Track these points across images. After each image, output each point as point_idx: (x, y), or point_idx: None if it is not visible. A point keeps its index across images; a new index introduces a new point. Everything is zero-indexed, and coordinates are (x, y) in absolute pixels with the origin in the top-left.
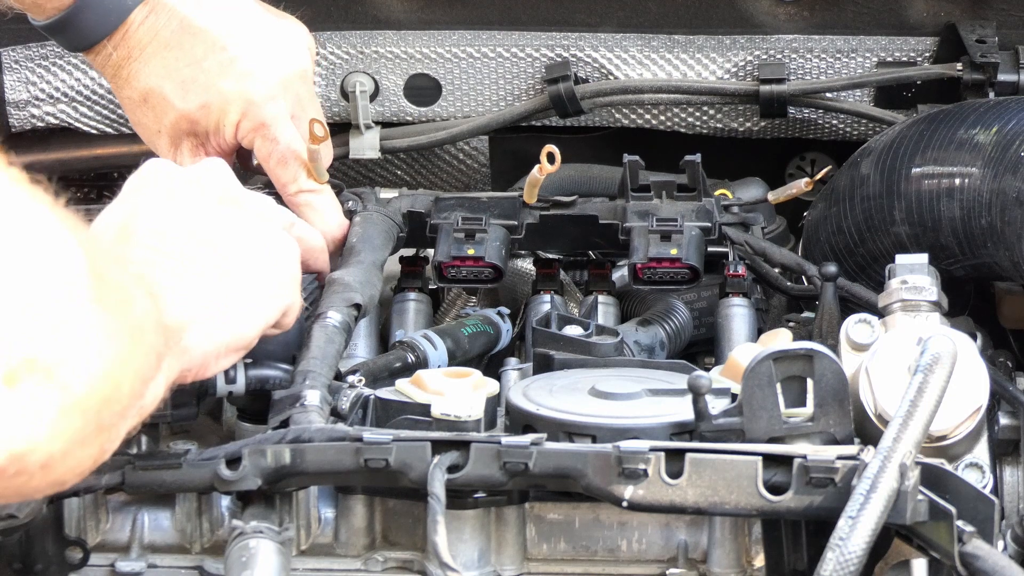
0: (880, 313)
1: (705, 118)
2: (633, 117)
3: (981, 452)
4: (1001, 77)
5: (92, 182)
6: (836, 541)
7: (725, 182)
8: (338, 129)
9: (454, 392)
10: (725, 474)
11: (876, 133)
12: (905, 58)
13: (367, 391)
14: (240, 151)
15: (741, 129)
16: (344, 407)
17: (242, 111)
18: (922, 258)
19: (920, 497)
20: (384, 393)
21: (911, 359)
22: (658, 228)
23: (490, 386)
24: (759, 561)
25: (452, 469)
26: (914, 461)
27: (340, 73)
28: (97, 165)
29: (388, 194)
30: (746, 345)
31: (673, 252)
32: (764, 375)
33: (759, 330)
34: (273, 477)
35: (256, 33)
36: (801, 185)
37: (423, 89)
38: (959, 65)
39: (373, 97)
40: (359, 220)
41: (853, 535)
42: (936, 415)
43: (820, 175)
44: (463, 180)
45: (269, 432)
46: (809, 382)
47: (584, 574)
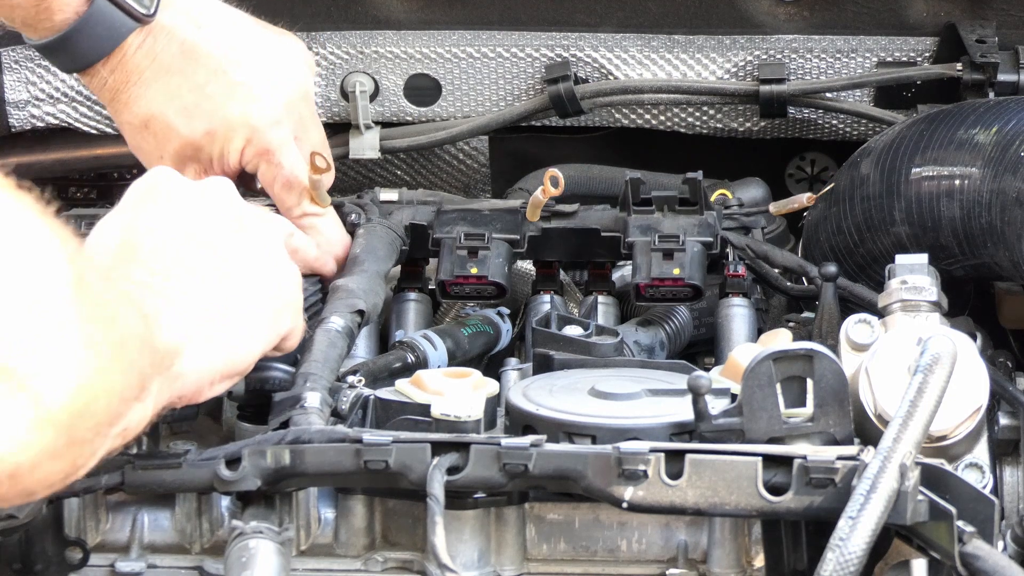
0: (880, 313)
1: (705, 118)
2: (633, 117)
3: (981, 452)
4: (1001, 77)
5: (92, 182)
6: (836, 541)
7: (725, 182)
8: (338, 129)
9: (454, 392)
10: (725, 475)
11: (876, 133)
12: (905, 58)
13: (367, 391)
14: (243, 173)
15: (741, 129)
16: (344, 407)
17: (247, 138)
18: (922, 258)
19: (920, 497)
20: (384, 393)
21: (911, 359)
22: (660, 246)
23: (490, 386)
24: (759, 561)
25: (452, 471)
26: (914, 461)
27: (340, 73)
28: (97, 165)
29: (388, 195)
30: (746, 345)
31: (676, 272)
32: (764, 375)
33: (759, 330)
34: (273, 478)
35: (258, 55)
36: (803, 200)
37: (423, 89)
38: (959, 65)
39: (373, 97)
40: (362, 232)
41: (853, 535)
42: (936, 415)
43: (823, 192)
44: (463, 180)
45: (269, 433)
46: (809, 382)
47: (584, 574)
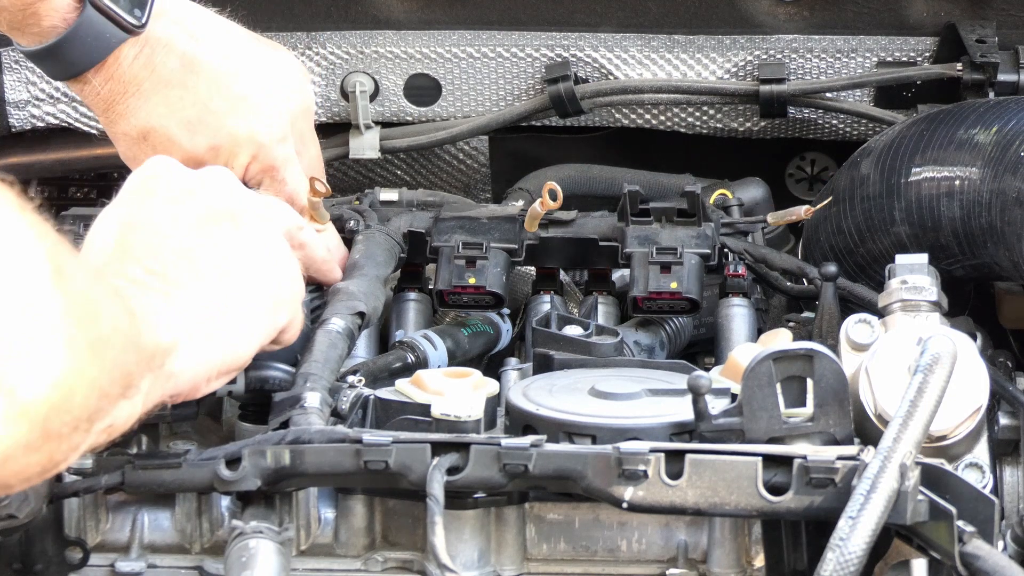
0: (880, 313)
1: (705, 118)
2: (633, 117)
3: (981, 452)
4: (1001, 77)
5: (92, 182)
6: (836, 541)
7: (725, 182)
8: (338, 129)
9: (454, 392)
10: (725, 475)
11: (876, 133)
12: (905, 58)
13: (367, 391)
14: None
15: (741, 129)
16: (344, 407)
17: (252, 154)
18: (922, 258)
19: (920, 497)
20: (384, 393)
21: (911, 359)
22: (658, 259)
23: (490, 386)
24: (759, 561)
25: (452, 471)
26: (914, 461)
27: (340, 73)
28: (97, 165)
29: (388, 195)
30: (746, 345)
31: (673, 286)
32: (764, 375)
33: (759, 330)
34: (273, 478)
35: (259, 68)
36: (801, 212)
37: (423, 89)
38: (959, 65)
39: (373, 97)
40: (361, 239)
41: (853, 535)
42: (936, 415)
43: (820, 205)
44: (463, 180)
45: (269, 433)
46: (809, 382)
47: (584, 574)
